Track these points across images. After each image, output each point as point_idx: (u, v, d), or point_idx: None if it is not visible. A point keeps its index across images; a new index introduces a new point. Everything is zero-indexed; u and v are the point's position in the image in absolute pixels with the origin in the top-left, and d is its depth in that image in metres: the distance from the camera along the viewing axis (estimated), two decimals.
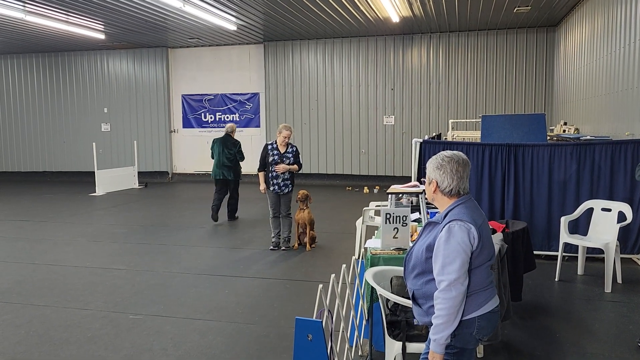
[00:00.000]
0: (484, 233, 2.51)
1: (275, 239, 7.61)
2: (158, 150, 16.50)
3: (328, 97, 15.04)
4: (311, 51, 15.00)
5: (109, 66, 16.57)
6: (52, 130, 17.26)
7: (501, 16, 12.04)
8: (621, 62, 7.92)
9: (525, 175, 6.74)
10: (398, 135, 14.65)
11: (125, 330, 4.71)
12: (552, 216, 6.67)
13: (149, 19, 11.74)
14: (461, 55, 14.04)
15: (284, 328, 4.69)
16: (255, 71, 15.65)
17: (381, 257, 3.82)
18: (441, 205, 2.64)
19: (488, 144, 6.85)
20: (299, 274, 6.40)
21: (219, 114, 16.13)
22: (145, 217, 10.38)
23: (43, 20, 11.53)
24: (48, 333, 4.66)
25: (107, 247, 7.89)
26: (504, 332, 4.50)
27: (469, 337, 2.53)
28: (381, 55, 14.53)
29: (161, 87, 16.24)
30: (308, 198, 7.52)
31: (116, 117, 16.69)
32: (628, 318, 4.86)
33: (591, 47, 9.68)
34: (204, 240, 8.28)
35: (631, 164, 6.39)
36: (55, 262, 7.03)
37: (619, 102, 8.03)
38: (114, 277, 6.34)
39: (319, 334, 2.87)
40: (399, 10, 11.32)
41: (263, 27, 13.13)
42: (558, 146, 6.70)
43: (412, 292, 2.67)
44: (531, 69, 13.67)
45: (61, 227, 9.37)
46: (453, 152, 2.63)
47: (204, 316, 5.03)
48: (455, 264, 2.42)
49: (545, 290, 5.64)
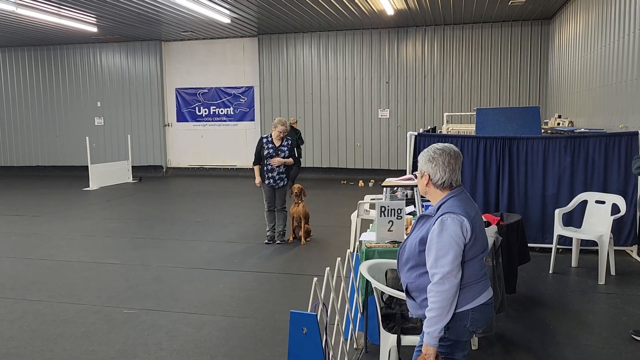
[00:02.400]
0: (477, 225, 2.51)
1: (270, 233, 7.60)
2: (152, 144, 16.43)
3: (323, 91, 15.00)
4: (306, 44, 14.94)
5: (102, 60, 16.45)
6: (45, 125, 17.14)
7: (496, 9, 12.02)
8: (615, 55, 7.93)
9: (519, 168, 6.75)
10: (393, 128, 14.65)
11: (119, 324, 4.69)
12: (547, 209, 6.68)
13: (142, 11, 11.64)
14: (456, 48, 14.02)
15: (279, 322, 4.69)
16: (250, 64, 15.58)
17: (376, 250, 3.82)
18: (434, 198, 2.63)
19: (483, 137, 6.85)
20: (294, 268, 6.40)
21: (213, 108, 16.06)
22: (139, 211, 10.34)
23: (35, 13, 11.42)
24: (41, 328, 4.64)
25: (100, 241, 7.86)
26: (499, 324, 4.51)
27: (462, 329, 2.53)
28: (376, 48, 14.49)
29: (155, 81, 16.15)
30: (302, 192, 7.51)
31: (110, 111, 16.59)
32: (621, 310, 4.89)
33: (585, 40, 9.68)
34: (199, 234, 8.26)
35: (625, 157, 6.40)
36: (48, 257, 7.00)
37: (612, 95, 8.05)
38: (108, 271, 6.32)
39: (313, 327, 2.86)
40: (394, 3, 11.28)
41: (257, 20, 13.06)
42: (552, 139, 6.71)
43: (406, 286, 2.66)
44: (526, 62, 13.67)
45: (55, 222, 9.32)
46: (444, 145, 2.62)
47: (199, 310, 5.02)
48: (448, 257, 2.41)
49: (539, 283, 5.66)
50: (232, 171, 16.06)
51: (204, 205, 10.90)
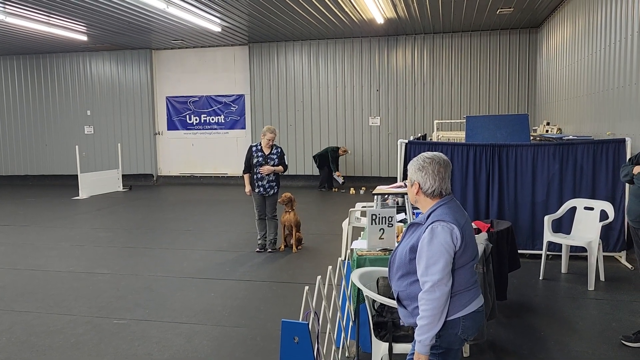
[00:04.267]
0: (467, 233, 2.52)
1: (261, 241, 7.58)
2: (142, 152, 16.36)
3: (313, 99, 15.04)
4: (296, 52, 14.99)
5: (92, 68, 16.39)
6: (34, 133, 17.01)
7: (484, 18, 12.14)
8: (602, 63, 8.03)
9: (509, 175, 6.80)
10: (384, 136, 14.71)
11: (109, 335, 4.65)
12: (536, 215, 6.73)
13: (132, 20, 11.63)
14: (445, 56, 14.13)
15: (271, 330, 4.67)
16: (240, 73, 15.60)
17: (367, 258, 3.83)
18: (424, 207, 2.64)
19: (472, 144, 6.90)
20: (286, 276, 6.38)
21: (204, 116, 16.04)
22: (129, 220, 10.28)
23: (24, 22, 11.37)
24: (30, 339, 4.59)
25: (90, 251, 7.80)
26: (490, 331, 4.53)
27: (454, 337, 2.54)
28: (366, 56, 14.58)
29: (145, 89, 16.10)
30: (292, 201, 7.50)
31: (99, 120, 16.51)
32: (611, 315, 4.92)
33: (572, 48, 9.80)
34: (189, 242, 8.22)
35: (613, 163, 6.47)
36: (37, 267, 6.93)
37: (600, 102, 8.15)
38: (98, 281, 6.27)
39: (305, 336, 2.86)
40: (384, 12, 11.36)
41: (248, 29, 13.10)
42: (541, 146, 6.77)
43: (397, 294, 2.67)
44: (514, 69, 13.81)
45: (44, 232, 9.24)
46: (434, 153, 2.64)
47: (190, 320, 4.99)
48: (439, 265, 2.43)
49: (530, 289, 5.69)
50: (223, 179, 16.02)
51: (195, 213, 10.85)
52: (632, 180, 4.30)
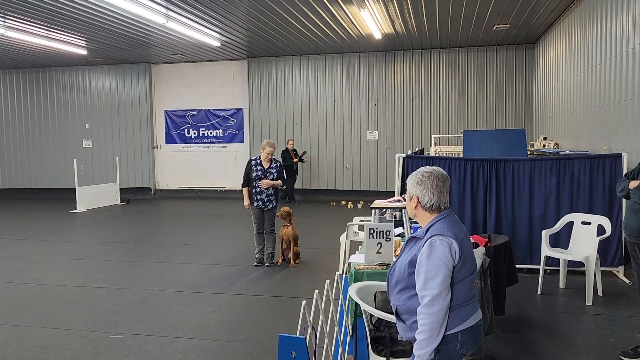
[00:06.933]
0: (466, 247, 2.53)
1: (259, 255, 7.56)
2: (141, 166, 16.37)
3: (312, 113, 15.11)
4: (295, 67, 15.10)
5: (91, 82, 16.46)
6: (33, 146, 17.03)
7: (481, 33, 12.27)
8: (598, 79, 8.11)
9: (506, 190, 6.82)
10: (382, 150, 14.75)
11: (105, 350, 4.62)
12: (534, 230, 6.74)
13: (132, 34, 11.72)
14: (443, 71, 14.24)
15: (268, 345, 4.64)
16: (239, 87, 15.68)
17: (365, 272, 3.82)
18: (422, 221, 2.65)
19: (470, 158, 6.93)
20: (283, 290, 6.36)
21: (203, 130, 16.09)
22: (127, 233, 10.25)
23: (24, 36, 11.44)
24: (26, 354, 4.55)
25: (87, 265, 7.76)
26: (488, 346, 4.51)
27: (452, 351, 2.53)
28: (364, 71, 14.68)
29: (144, 103, 16.17)
30: (290, 215, 7.50)
31: (98, 133, 16.54)
32: (609, 330, 4.91)
33: (568, 64, 9.89)
34: (187, 256, 8.19)
35: (609, 178, 6.50)
36: (33, 281, 6.89)
37: (596, 117, 8.21)
38: (94, 295, 6.23)
39: (302, 350, 2.85)
40: (382, 28, 11.47)
41: (247, 43, 13.19)
42: (538, 161, 6.80)
43: (396, 308, 2.67)
44: (511, 85, 13.92)
45: (40, 245, 9.20)
46: (432, 168, 2.65)
47: (187, 334, 4.96)
48: (438, 279, 2.43)
49: (527, 304, 5.68)
50: (221, 193, 16.02)
51: (193, 227, 10.83)
52: (628, 195, 4.32)
